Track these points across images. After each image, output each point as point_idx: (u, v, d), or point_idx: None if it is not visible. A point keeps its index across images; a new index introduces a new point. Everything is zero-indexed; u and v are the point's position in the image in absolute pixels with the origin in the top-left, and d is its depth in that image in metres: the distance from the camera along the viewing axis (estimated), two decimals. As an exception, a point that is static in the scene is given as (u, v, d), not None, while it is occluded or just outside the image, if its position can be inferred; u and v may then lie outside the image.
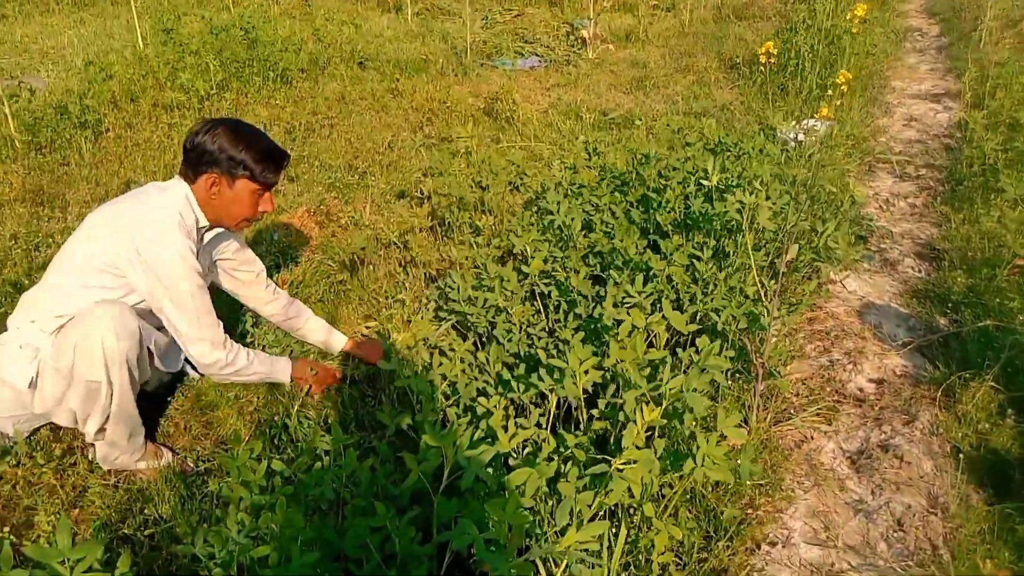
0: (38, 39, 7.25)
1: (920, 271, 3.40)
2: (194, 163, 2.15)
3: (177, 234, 2.07)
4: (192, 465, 2.20)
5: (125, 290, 2.06)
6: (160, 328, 2.21)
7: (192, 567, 1.79)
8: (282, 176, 2.41)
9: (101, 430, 2.06)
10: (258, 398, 2.41)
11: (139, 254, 2.02)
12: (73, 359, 1.94)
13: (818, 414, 2.46)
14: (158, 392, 2.45)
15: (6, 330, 2.10)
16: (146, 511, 2.01)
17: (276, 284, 2.60)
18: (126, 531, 1.95)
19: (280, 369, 2.35)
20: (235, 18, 6.10)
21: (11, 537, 1.92)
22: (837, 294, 3.21)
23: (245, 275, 2.51)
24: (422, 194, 3.85)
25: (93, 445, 2.14)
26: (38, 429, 2.22)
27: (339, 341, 2.62)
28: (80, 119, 4.65)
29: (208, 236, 2.31)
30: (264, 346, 2.66)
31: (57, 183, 3.97)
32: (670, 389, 1.65)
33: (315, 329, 2.62)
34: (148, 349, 2.07)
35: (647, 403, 1.62)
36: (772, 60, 3.71)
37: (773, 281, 2.23)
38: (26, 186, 3.92)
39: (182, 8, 8.13)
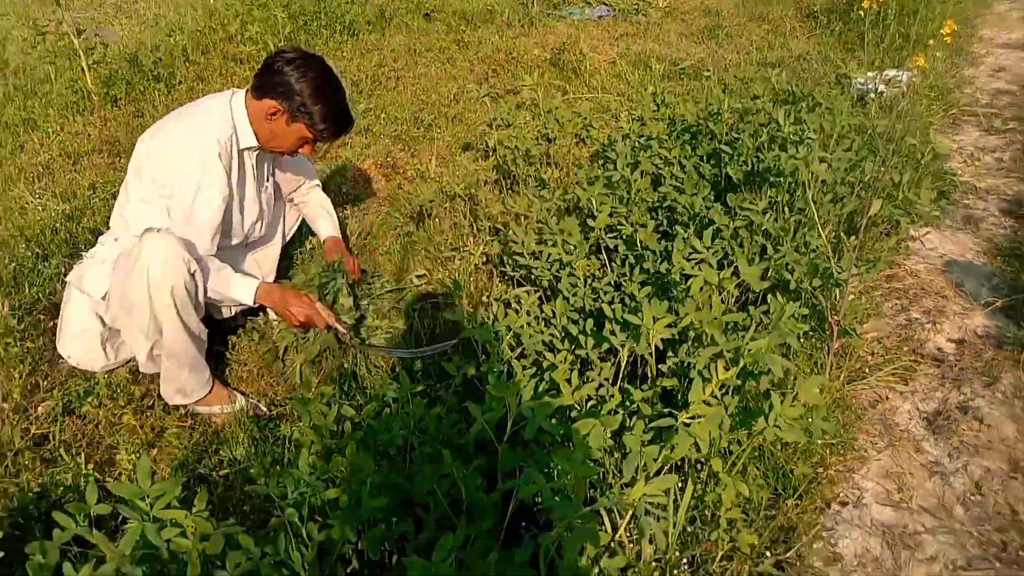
0: (112, -7, 7.39)
1: (1006, 228, 3.24)
2: (269, 86, 2.16)
3: (201, 134, 2.12)
4: (265, 410, 2.26)
5: (168, 199, 2.08)
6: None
7: (265, 507, 1.84)
8: (339, 141, 2.42)
9: (151, 359, 2.13)
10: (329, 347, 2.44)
11: (163, 150, 2.09)
12: (124, 283, 2.00)
13: (894, 374, 2.38)
14: (230, 327, 2.51)
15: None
16: (221, 452, 2.07)
17: (347, 235, 2.64)
18: (202, 471, 2.01)
19: (241, 285, 2.20)
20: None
21: (95, 474, 2.00)
22: (917, 251, 3.09)
23: (294, 181, 2.65)
24: (487, 146, 3.82)
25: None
26: (115, 371, 2.30)
27: (324, 230, 2.71)
28: (153, 72, 4.74)
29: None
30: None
31: (132, 134, 4.06)
32: (749, 350, 1.60)
33: (315, 216, 2.74)
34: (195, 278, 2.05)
35: (721, 361, 1.58)
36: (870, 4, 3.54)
37: (851, 237, 2.15)
38: (103, 137, 4.02)
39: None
